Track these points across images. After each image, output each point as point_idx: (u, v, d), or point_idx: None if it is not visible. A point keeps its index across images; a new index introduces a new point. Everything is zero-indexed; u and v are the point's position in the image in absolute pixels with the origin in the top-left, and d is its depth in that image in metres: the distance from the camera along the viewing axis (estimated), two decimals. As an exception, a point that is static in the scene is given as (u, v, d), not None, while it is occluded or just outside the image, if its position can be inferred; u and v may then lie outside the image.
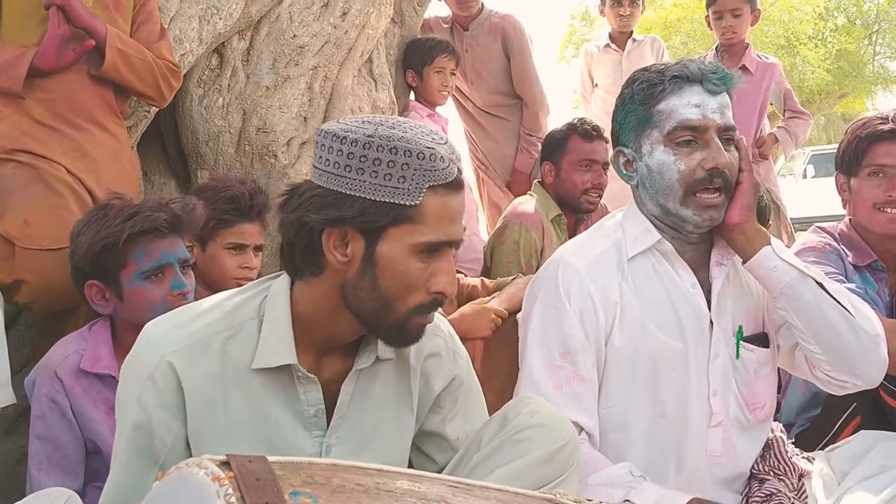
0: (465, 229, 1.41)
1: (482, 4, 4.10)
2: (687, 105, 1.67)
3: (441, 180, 1.28)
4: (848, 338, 1.65)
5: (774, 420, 2.04)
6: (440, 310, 1.43)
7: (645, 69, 1.77)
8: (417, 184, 1.27)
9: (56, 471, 1.88)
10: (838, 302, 1.65)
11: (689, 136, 1.67)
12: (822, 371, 1.72)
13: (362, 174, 1.26)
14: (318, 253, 1.32)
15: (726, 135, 1.69)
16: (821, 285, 1.65)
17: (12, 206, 2.12)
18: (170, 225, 1.92)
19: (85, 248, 1.90)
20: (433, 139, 1.29)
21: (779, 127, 4.32)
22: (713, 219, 1.69)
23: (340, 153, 1.27)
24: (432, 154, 1.27)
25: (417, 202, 1.27)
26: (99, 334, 1.95)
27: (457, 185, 1.32)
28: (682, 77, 1.68)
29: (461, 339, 1.66)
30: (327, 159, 1.29)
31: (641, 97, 1.72)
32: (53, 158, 2.21)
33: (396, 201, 1.27)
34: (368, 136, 1.26)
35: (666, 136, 1.68)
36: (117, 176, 2.34)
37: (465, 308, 2.27)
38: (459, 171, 1.33)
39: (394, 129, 1.27)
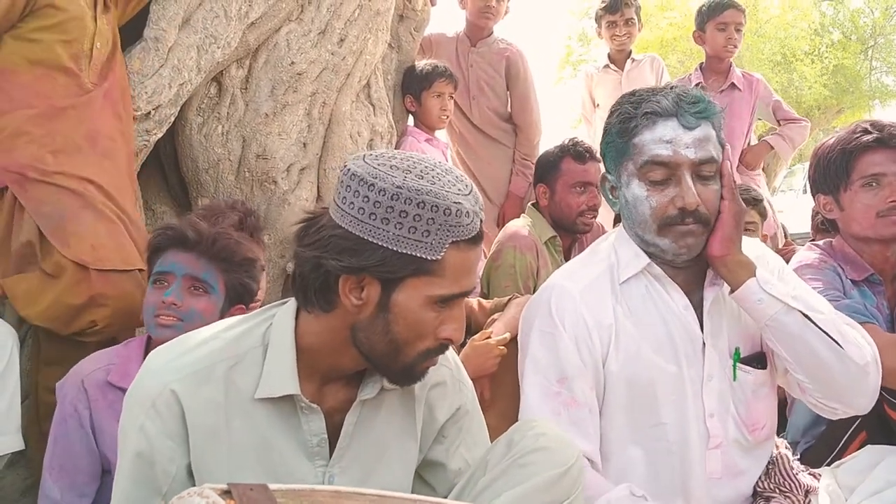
0: None
1: (493, 29, 4.18)
2: (658, 141, 1.65)
3: (464, 236, 1.27)
4: (835, 368, 1.64)
5: (780, 437, 2.03)
6: None
7: (627, 97, 1.75)
8: (441, 239, 1.26)
9: (66, 479, 1.90)
10: (826, 333, 1.63)
11: (660, 172, 1.66)
12: (812, 397, 1.71)
13: (387, 224, 1.25)
14: (332, 293, 1.31)
15: (703, 169, 1.66)
16: (807, 317, 1.63)
17: (72, 231, 2.17)
18: (179, 239, 1.95)
19: None
20: (459, 190, 1.27)
21: (772, 134, 4.32)
22: (689, 246, 1.68)
23: (367, 200, 1.25)
24: (458, 210, 1.25)
25: (439, 257, 1.27)
26: (132, 351, 1.98)
27: (478, 238, 1.31)
28: (654, 112, 1.66)
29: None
30: (352, 202, 1.27)
31: (618, 130, 1.71)
32: (87, 177, 2.25)
33: (418, 254, 1.26)
34: (397, 186, 1.24)
35: (639, 170, 1.68)
36: (131, 192, 2.42)
37: (467, 349, 2.26)
38: (481, 221, 1.32)
39: (422, 178, 1.26)
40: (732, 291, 1.69)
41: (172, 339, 1.85)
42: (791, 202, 11.62)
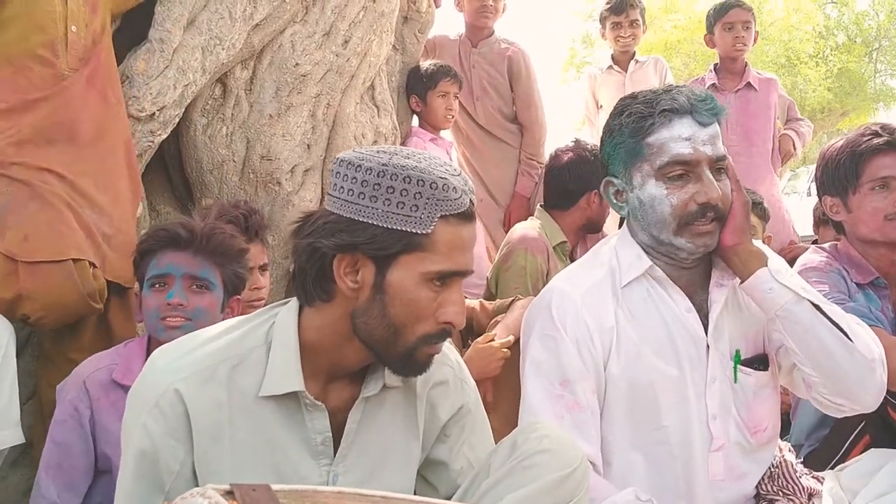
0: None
1: (493, 29, 4.18)
2: (678, 139, 1.65)
3: (453, 210, 1.29)
4: (844, 362, 1.63)
5: (784, 440, 2.03)
6: (449, 339, 1.42)
7: (633, 97, 1.75)
8: (429, 213, 1.27)
9: (62, 478, 1.90)
10: (836, 325, 1.63)
11: (681, 170, 1.66)
12: (818, 393, 1.70)
13: (375, 202, 1.27)
14: (328, 279, 1.32)
15: (718, 165, 1.68)
16: (818, 308, 1.63)
17: (10, 224, 2.13)
18: (171, 239, 1.94)
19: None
20: (446, 170, 1.30)
21: (787, 128, 4.33)
22: (707, 245, 1.69)
23: (355, 180, 1.28)
24: (445, 184, 1.28)
25: (429, 231, 1.28)
26: (134, 350, 1.98)
27: (468, 215, 1.33)
28: (671, 110, 1.66)
29: None
30: (342, 187, 1.30)
31: (631, 130, 1.70)
32: (48, 167, 2.21)
33: (408, 229, 1.27)
34: (383, 164, 1.27)
35: (657, 170, 1.68)
36: (119, 178, 2.38)
37: (471, 352, 2.26)
38: (472, 202, 1.33)
39: (408, 158, 1.29)
40: (743, 281, 1.69)
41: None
42: (795, 204, 11.61)
